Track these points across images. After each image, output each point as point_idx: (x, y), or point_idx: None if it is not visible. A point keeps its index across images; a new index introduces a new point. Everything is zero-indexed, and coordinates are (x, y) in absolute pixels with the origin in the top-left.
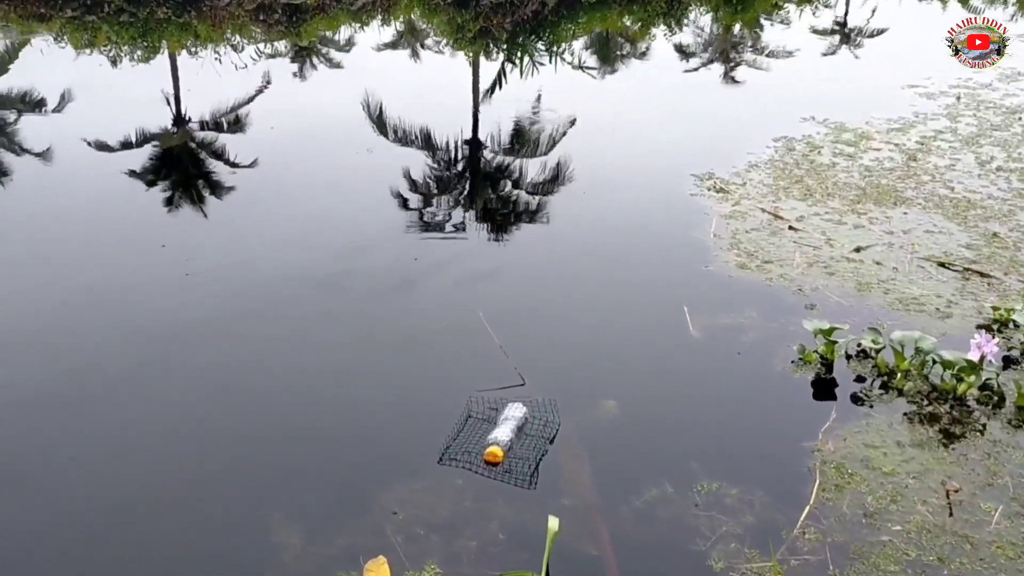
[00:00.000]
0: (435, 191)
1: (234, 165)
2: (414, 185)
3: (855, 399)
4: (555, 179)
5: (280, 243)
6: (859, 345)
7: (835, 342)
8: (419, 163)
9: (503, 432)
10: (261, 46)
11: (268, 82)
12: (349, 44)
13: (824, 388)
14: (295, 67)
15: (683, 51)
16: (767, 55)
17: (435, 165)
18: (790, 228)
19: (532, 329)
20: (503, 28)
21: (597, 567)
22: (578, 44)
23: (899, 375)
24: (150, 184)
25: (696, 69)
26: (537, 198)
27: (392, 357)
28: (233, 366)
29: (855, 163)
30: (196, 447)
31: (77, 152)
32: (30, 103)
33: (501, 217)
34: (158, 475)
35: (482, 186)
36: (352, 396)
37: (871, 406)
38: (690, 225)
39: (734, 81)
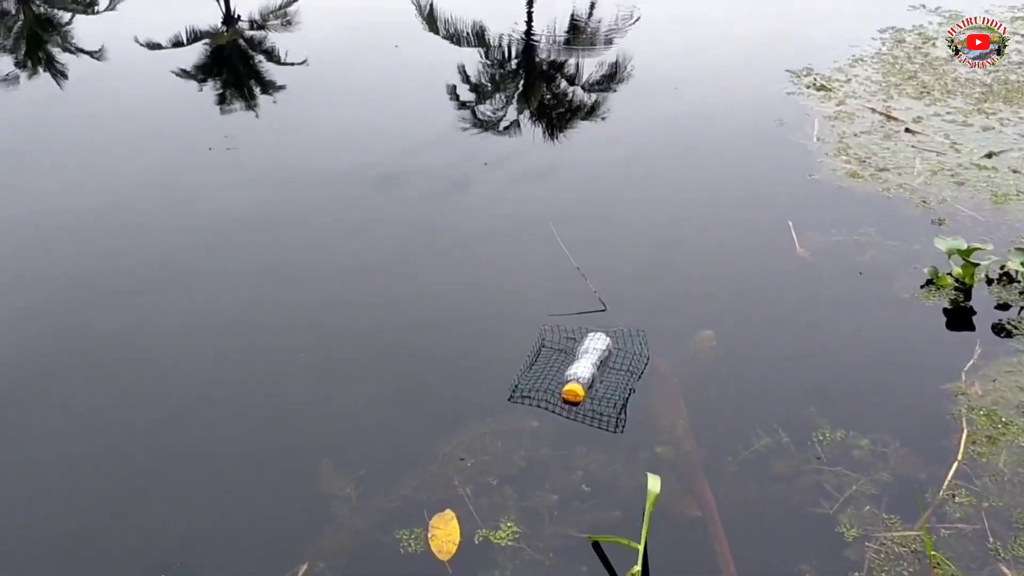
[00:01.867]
0: (491, 87)
1: (285, 63)
2: (468, 80)
3: (1002, 331)
4: (613, 76)
5: (333, 141)
6: (1002, 268)
7: (975, 264)
8: (472, 60)
9: (583, 367)
10: None
11: None
12: None
13: (962, 318)
14: None
15: None
16: None
17: (488, 62)
18: (906, 131)
19: (611, 245)
20: None
21: (701, 532)
22: None
23: None
24: (201, 83)
25: None
26: (610, 94)
27: (454, 271)
28: (282, 272)
29: None
30: (242, 361)
31: (129, 51)
32: (82, 3)
33: (568, 114)
34: (200, 393)
35: (539, 84)
36: (409, 318)
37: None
38: (788, 128)
39: None
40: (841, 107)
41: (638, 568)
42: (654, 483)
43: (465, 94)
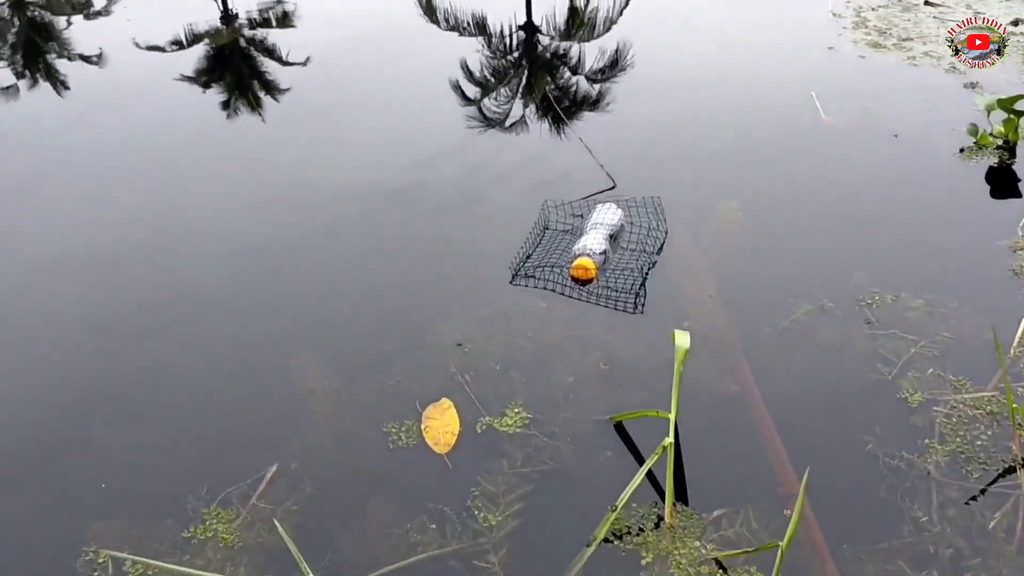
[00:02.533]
0: (495, 81)
1: (287, 63)
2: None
3: None
4: (615, 63)
5: (343, 153)
6: None
7: (1020, 113)
8: (472, 51)
9: (594, 240)
10: None
11: None
12: None
13: (1010, 175)
14: None
15: None
16: None
17: (490, 54)
18: (926, 3)
19: (619, 120)
20: None
21: (739, 407)
22: None
23: None
24: (205, 87)
25: None
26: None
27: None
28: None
29: None
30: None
31: (128, 55)
32: (78, 6)
33: (572, 106)
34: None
35: (542, 75)
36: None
37: None
38: (800, 4)
39: None
40: None
41: (670, 440)
42: (682, 339)
43: (470, 90)
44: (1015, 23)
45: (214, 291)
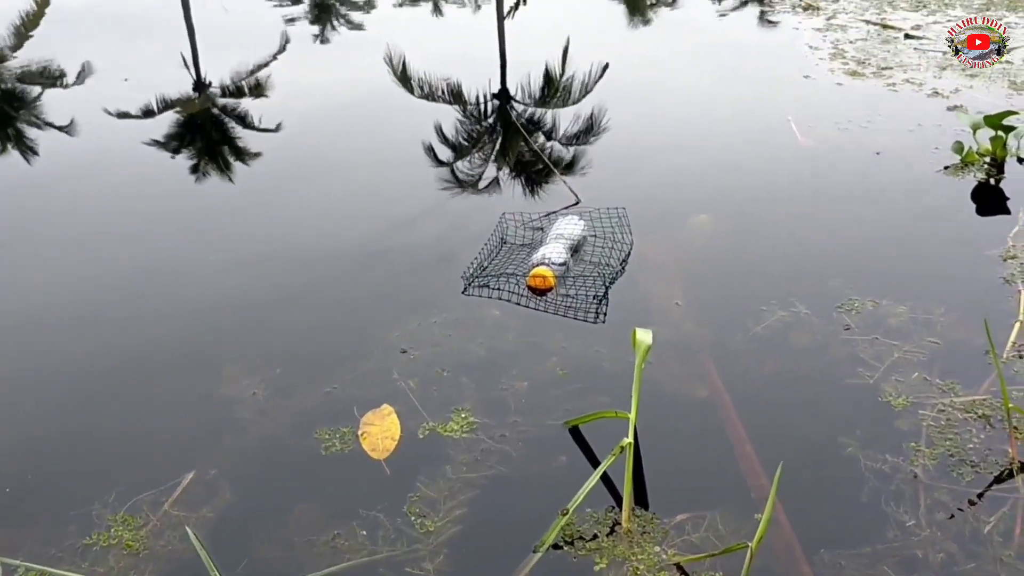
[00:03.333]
0: (469, 145)
1: (259, 129)
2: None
3: None
4: (589, 130)
5: (314, 218)
6: None
7: (1010, 128)
8: (448, 117)
9: (554, 250)
10: None
11: (287, 41)
12: (368, 5)
13: (997, 191)
14: (315, 29)
15: None
16: None
17: (465, 119)
18: (906, 36)
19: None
20: None
21: (707, 412)
22: None
23: None
24: (174, 152)
25: None
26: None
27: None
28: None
29: None
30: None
31: (100, 122)
32: (50, 77)
33: (544, 171)
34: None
35: (516, 139)
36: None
37: None
38: (773, 37)
39: None
40: (831, 21)
41: (629, 440)
42: (644, 335)
43: (443, 153)
44: (998, 52)
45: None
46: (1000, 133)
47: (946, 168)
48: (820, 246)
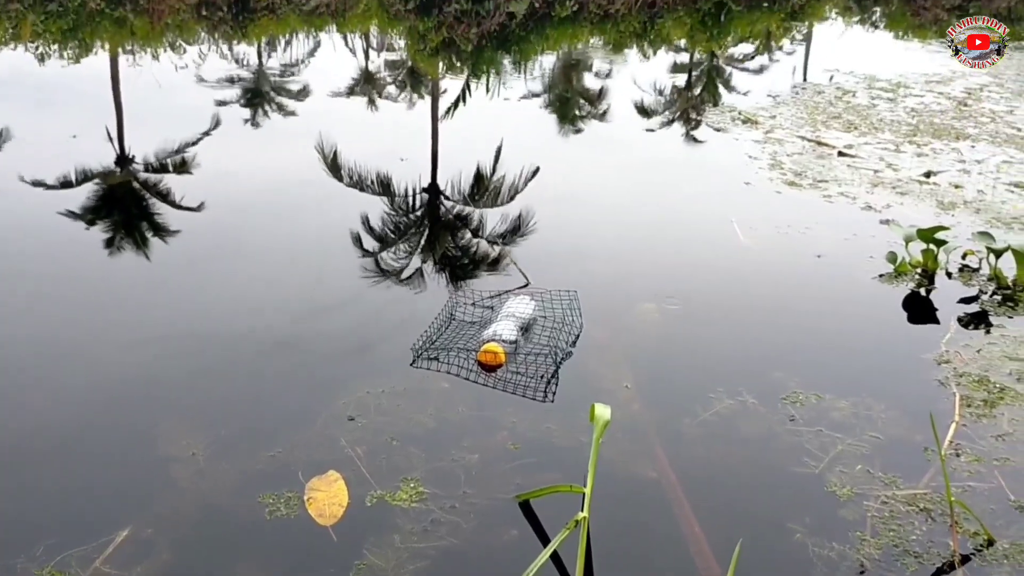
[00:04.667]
0: (396, 236)
1: (180, 207)
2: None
3: (973, 311)
4: (516, 230)
5: (228, 300)
6: (964, 256)
7: (941, 242)
8: (376, 209)
9: (505, 328)
10: (204, 48)
11: (217, 123)
12: (304, 93)
13: (929, 301)
14: (247, 113)
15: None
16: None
17: (393, 212)
18: (840, 154)
19: (538, 244)
20: (467, 39)
21: (655, 493)
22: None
23: None
24: (90, 224)
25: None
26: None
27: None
28: None
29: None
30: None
31: (12, 190)
32: None
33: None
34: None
35: (444, 234)
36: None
37: (1000, 318)
38: (715, 147)
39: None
40: (769, 135)
41: (584, 515)
42: (603, 411)
43: (369, 242)
44: (927, 175)
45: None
46: (931, 246)
47: (881, 276)
48: (764, 339)
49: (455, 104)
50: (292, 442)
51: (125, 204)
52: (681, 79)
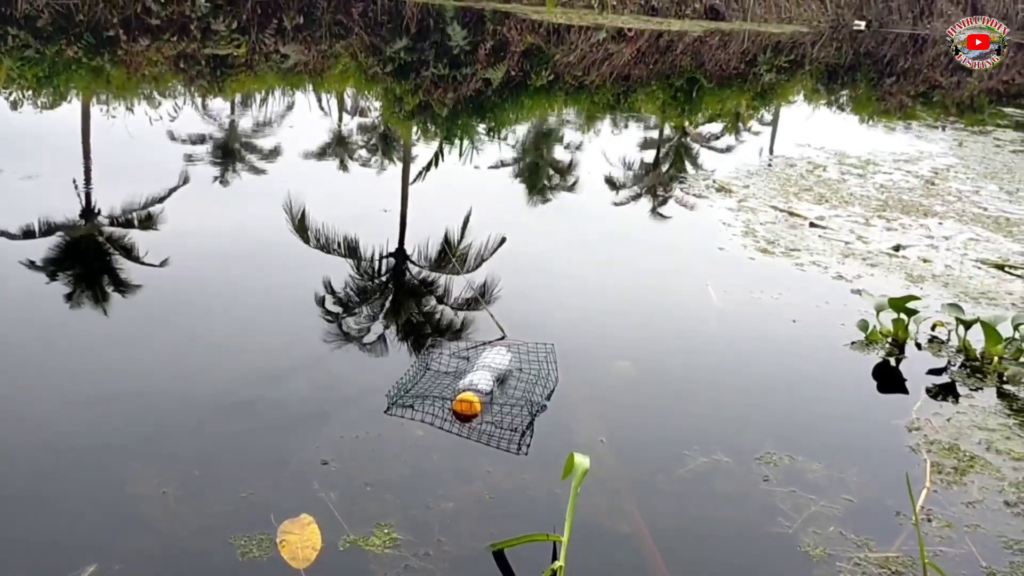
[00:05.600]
0: (360, 300)
1: (142, 263)
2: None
3: (943, 381)
4: (483, 295)
5: (184, 360)
6: (933, 328)
7: (912, 312)
8: (341, 271)
9: (481, 378)
10: (180, 102)
11: (186, 179)
12: (275, 153)
13: (899, 369)
14: (216, 171)
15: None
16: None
17: (358, 276)
18: (811, 225)
19: (513, 306)
20: (443, 103)
21: (629, 547)
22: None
23: (995, 359)
24: (51, 277)
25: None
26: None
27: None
28: None
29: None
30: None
31: None
32: None
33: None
34: None
35: (408, 301)
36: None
37: (968, 388)
38: (689, 215)
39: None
40: (743, 203)
41: (560, 563)
42: (582, 460)
43: (332, 307)
44: (896, 248)
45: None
46: (902, 316)
47: (852, 343)
48: (738, 400)
49: (427, 167)
50: (263, 485)
51: (87, 256)
52: (650, 155)
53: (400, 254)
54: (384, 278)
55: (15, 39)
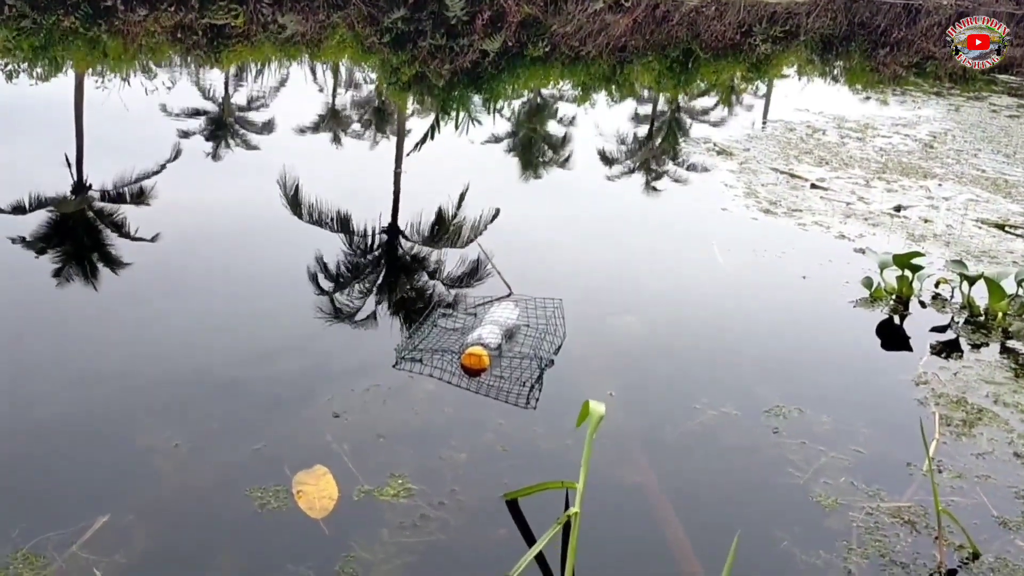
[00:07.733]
0: (352, 276)
1: (133, 238)
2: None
3: (949, 337)
4: (474, 272)
5: (175, 338)
6: (936, 285)
7: (918, 268)
8: (334, 246)
9: (489, 332)
10: (176, 74)
11: (179, 154)
12: (269, 127)
13: (904, 325)
14: (209, 146)
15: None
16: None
17: (351, 251)
18: (812, 186)
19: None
20: (440, 74)
21: (639, 497)
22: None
23: (999, 315)
24: (40, 252)
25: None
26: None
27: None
28: None
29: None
30: None
31: None
32: None
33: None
34: None
35: (401, 276)
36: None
37: (973, 344)
38: (692, 175)
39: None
40: (744, 165)
41: (576, 510)
42: (597, 407)
43: (325, 283)
44: (897, 209)
45: None
46: (906, 273)
47: (857, 300)
48: (745, 354)
49: (423, 140)
50: (276, 437)
51: (76, 232)
52: (644, 129)
53: (393, 229)
54: (376, 253)
55: (11, 9)
